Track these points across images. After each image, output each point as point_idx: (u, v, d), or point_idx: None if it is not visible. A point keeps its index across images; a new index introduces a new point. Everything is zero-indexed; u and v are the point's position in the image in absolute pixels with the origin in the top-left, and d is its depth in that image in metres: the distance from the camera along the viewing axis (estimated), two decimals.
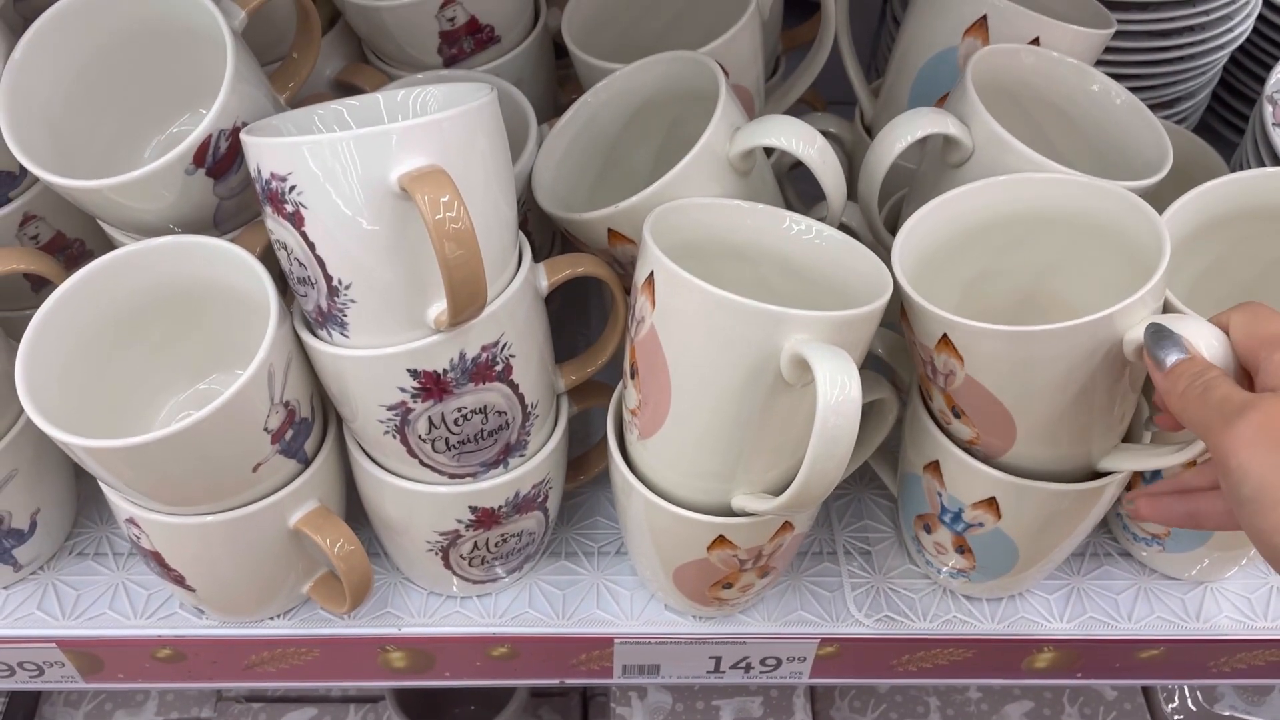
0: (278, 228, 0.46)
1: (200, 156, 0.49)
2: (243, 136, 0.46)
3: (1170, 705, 0.89)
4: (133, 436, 0.45)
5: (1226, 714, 0.89)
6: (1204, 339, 0.42)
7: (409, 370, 0.47)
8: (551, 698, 0.94)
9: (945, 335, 0.47)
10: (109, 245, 0.61)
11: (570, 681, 0.63)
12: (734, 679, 0.63)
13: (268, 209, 0.46)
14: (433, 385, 0.48)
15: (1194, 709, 0.89)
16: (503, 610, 0.61)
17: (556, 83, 0.72)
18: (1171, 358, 0.41)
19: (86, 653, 0.60)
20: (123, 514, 0.52)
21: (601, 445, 0.62)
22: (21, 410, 0.55)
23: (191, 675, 0.62)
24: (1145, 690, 0.90)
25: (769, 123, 0.51)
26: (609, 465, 0.55)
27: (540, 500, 0.57)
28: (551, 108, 0.70)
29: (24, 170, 0.54)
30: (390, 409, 0.49)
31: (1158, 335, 0.42)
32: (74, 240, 0.59)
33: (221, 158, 0.50)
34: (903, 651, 0.61)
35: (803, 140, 0.51)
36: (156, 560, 0.54)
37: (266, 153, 0.44)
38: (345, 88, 0.66)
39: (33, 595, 0.60)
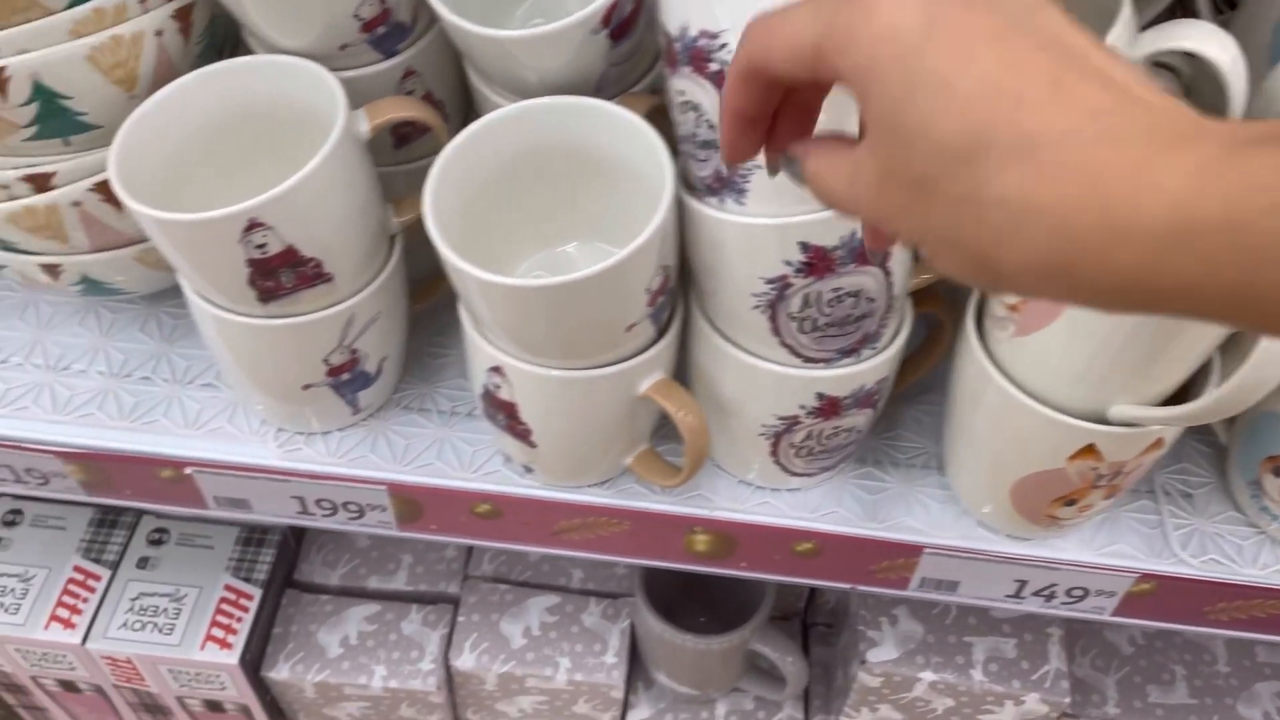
0: (693, 87, 0.46)
1: (607, 18, 0.50)
2: None
3: None
4: (541, 279, 0.47)
5: None
6: None
7: (800, 243, 0.48)
8: (774, 620, 0.95)
9: None
10: (465, 111, 0.63)
11: (861, 588, 0.64)
12: (1032, 606, 0.62)
13: (685, 69, 0.46)
14: (818, 261, 0.48)
15: None
16: (813, 506, 0.61)
17: None
18: None
19: (410, 499, 0.62)
20: (488, 362, 0.54)
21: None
22: (387, 260, 0.58)
23: (501, 534, 0.64)
24: None
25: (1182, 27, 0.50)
26: (956, 364, 0.54)
27: (876, 398, 0.56)
28: None
29: (414, 23, 0.56)
30: (769, 282, 0.49)
31: None
32: (440, 101, 0.61)
33: (624, 20, 0.51)
34: (1220, 598, 0.59)
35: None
36: (507, 412, 0.55)
37: (700, 9, 0.44)
38: None
39: (364, 440, 0.63)
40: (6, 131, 0.53)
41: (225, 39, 0.61)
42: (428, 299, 0.65)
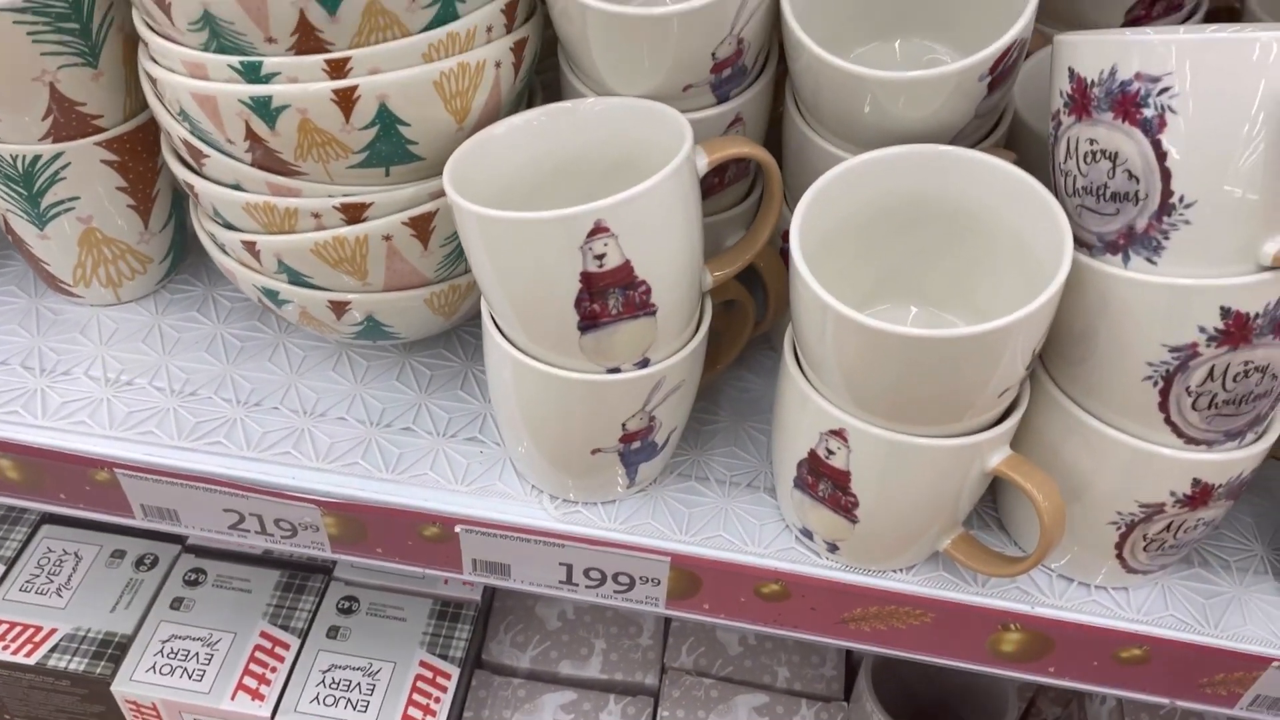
0: (1112, 134, 0.43)
1: (995, 65, 0.47)
2: (1082, 37, 0.44)
3: None
4: (934, 329, 0.43)
5: None
6: None
7: (1222, 308, 0.43)
8: None
9: None
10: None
11: (1182, 704, 0.57)
12: None
13: (1105, 115, 0.43)
14: (1237, 330, 0.44)
15: None
16: (1140, 606, 0.55)
17: None
18: None
19: (690, 573, 0.57)
20: (826, 424, 0.49)
21: None
22: (699, 323, 0.54)
23: (781, 619, 0.59)
24: None
25: None
26: None
27: (1243, 488, 0.51)
28: None
29: (752, 67, 0.54)
30: (1174, 351, 0.45)
31: None
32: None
33: (1007, 69, 0.48)
34: None
35: None
36: (836, 481, 0.51)
37: (1141, 52, 0.41)
38: None
39: (643, 507, 0.58)
40: (335, 156, 0.50)
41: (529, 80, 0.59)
42: (712, 371, 0.61)
